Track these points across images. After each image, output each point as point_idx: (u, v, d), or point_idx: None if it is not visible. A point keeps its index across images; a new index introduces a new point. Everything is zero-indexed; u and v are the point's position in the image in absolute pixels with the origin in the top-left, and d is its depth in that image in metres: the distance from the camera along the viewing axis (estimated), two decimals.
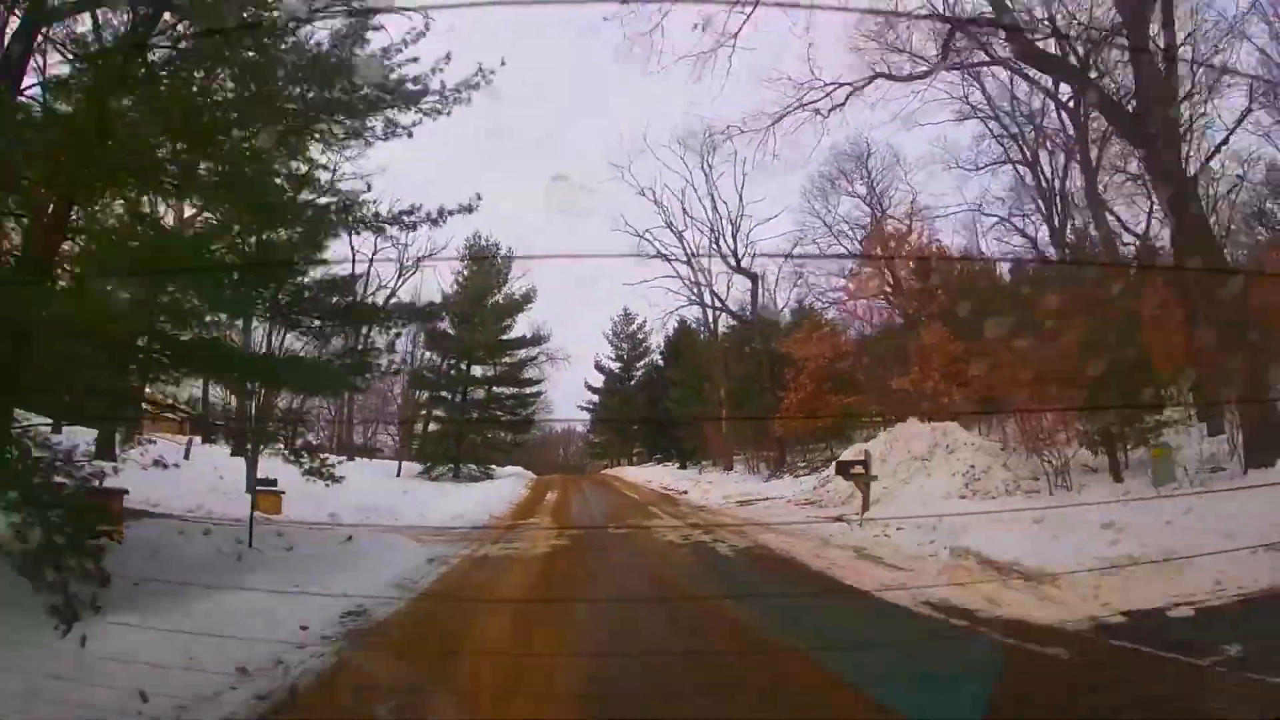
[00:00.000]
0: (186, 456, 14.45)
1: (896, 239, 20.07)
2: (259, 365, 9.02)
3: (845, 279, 22.23)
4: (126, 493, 7.32)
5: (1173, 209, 11.49)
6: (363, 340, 9.88)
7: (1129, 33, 11.65)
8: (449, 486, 27.04)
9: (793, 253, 26.90)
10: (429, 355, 34.13)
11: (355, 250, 21.00)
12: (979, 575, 6.25)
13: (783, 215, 60.49)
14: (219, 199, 7.76)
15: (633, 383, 46.13)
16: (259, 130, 7.57)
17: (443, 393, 35.24)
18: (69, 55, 7.26)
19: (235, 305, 7.92)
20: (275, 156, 7.85)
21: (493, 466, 34.26)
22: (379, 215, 8.64)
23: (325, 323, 8.77)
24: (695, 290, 31.94)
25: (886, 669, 4.04)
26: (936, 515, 8.98)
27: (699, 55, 14.43)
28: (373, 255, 23.53)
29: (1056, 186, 19.87)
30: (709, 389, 31.30)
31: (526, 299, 37.29)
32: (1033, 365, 11.37)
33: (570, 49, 52.22)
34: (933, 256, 18.64)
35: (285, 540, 8.92)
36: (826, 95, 14.99)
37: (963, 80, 17.79)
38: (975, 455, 12.30)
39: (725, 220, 29.24)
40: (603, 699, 3.89)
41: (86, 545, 5.33)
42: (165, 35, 7.37)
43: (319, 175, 8.59)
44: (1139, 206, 18.12)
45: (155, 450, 8.97)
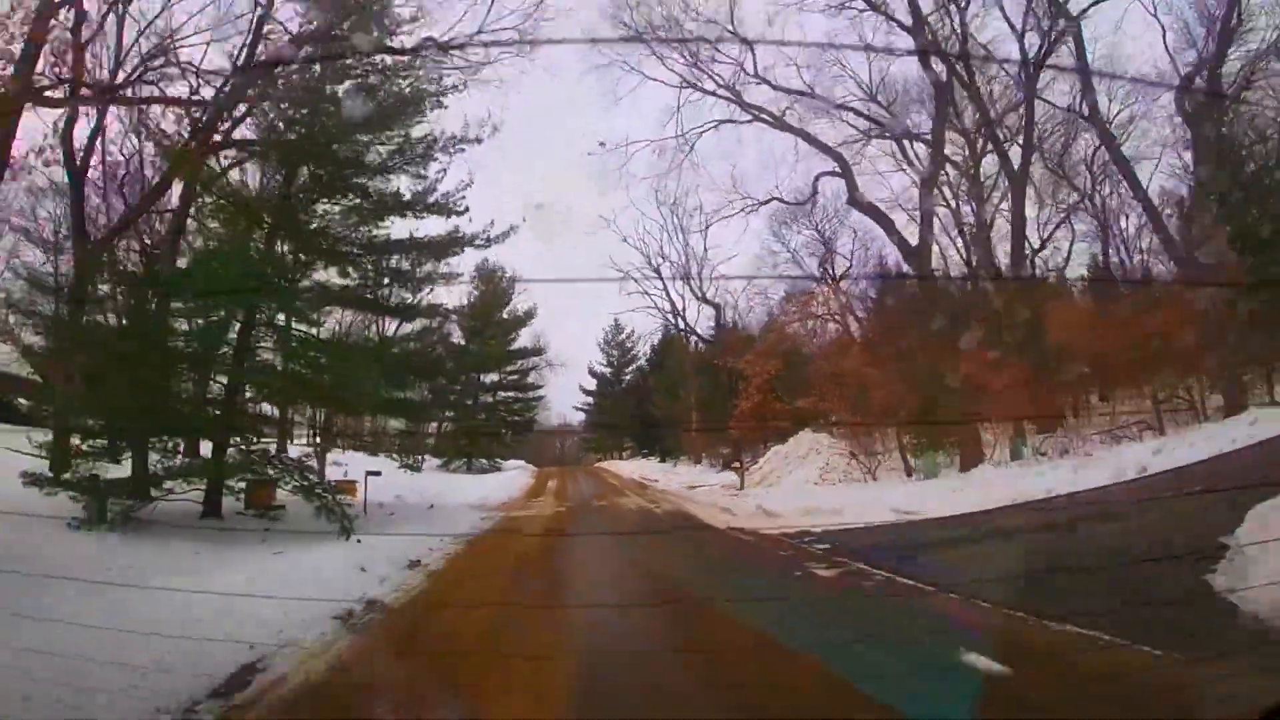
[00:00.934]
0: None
1: (802, 301, 26.63)
2: (394, 405, 15.65)
3: (780, 315, 28.79)
4: (354, 483, 13.89)
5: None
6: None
7: None
8: (465, 478, 33.49)
9: (741, 276, 33.46)
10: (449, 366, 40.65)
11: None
12: (762, 519, 12.87)
13: (739, 256, 68.90)
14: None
15: (622, 385, 52.72)
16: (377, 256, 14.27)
17: (461, 399, 41.75)
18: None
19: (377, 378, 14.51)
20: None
21: (499, 460, 41.03)
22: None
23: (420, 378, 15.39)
24: (670, 316, 38.54)
25: (698, 557, 10.57)
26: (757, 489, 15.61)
27: (658, 175, 20.93)
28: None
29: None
30: (683, 396, 37.87)
31: (529, 315, 44.14)
32: (870, 397, 17.98)
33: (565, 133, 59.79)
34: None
35: (385, 510, 15.40)
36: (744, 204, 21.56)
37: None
38: (830, 457, 18.92)
39: (693, 261, 35.78)
40: (577, 565, 10.44)
41: (345, 510, 11.81)
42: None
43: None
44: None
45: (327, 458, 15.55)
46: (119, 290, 13.63)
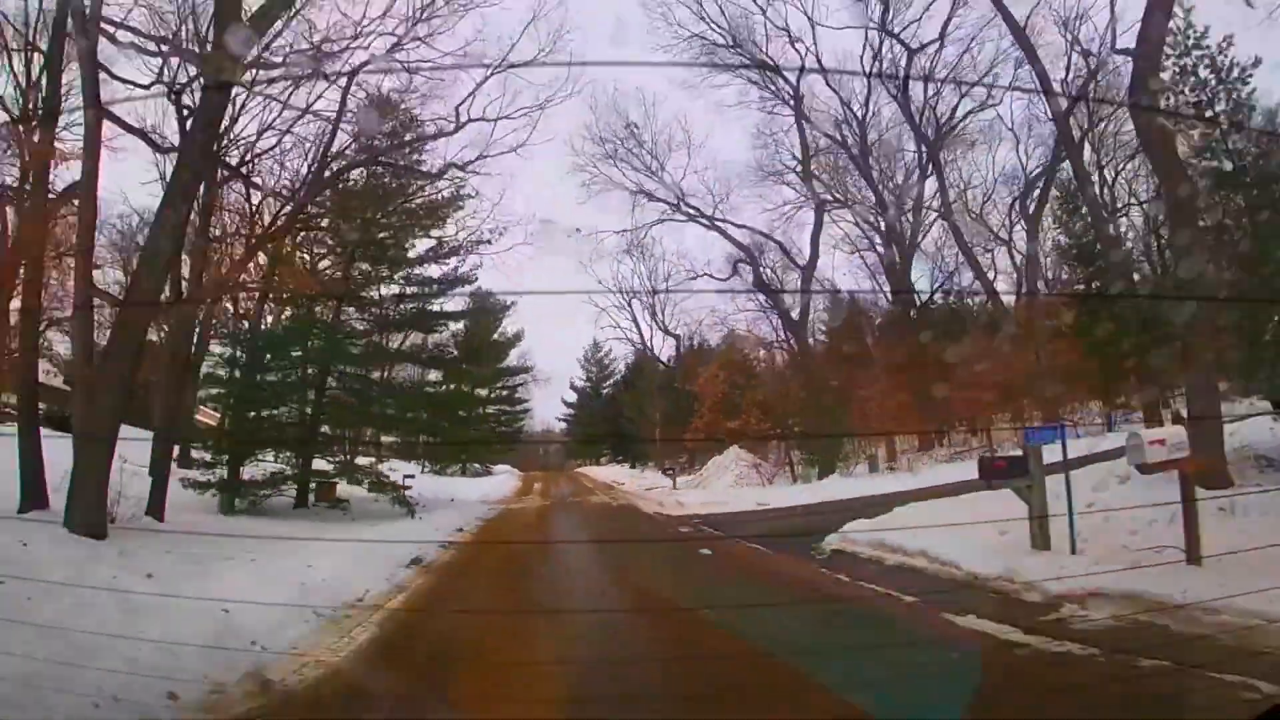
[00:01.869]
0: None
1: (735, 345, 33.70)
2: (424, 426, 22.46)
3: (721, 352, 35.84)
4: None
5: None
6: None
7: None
8: (462, 480, 40.25)
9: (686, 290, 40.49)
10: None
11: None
12: (676, 508, 19.82)
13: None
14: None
15: (601, 399, 59.73)
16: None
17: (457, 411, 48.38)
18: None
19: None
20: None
21: (489, 466, 47.87)
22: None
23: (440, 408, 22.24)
24: (639, 344, 45.62)
25: (625, 526, 17.49)
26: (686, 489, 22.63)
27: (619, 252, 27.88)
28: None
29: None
30: (649, 412, 44.85)
31: (517, 337, 51.02)
32: (774, 419, 25.00)
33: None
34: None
35: (420, 503, 22.14)
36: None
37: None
38: (743, 467, 25.93)
39: (658, 300, 42.85)
40: (554, 531, 17.32)
41: (407, 499, 18.54)
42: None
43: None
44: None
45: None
46: (239, 348, 20.26)
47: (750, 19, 25.54)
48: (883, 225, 28.26)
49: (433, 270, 22.83)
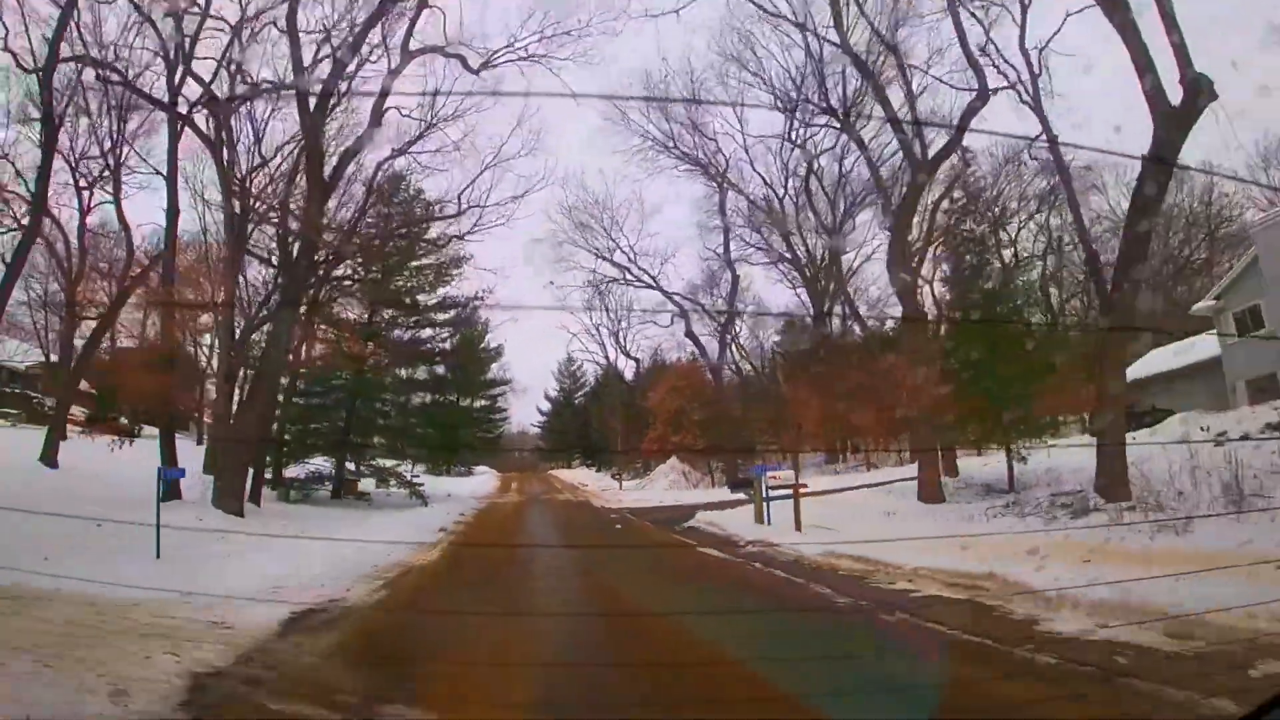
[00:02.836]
0: None
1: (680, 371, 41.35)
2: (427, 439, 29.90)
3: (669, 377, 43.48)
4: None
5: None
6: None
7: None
8: (449, 480, 47.53)
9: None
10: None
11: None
12: (616, 504, 27.37)
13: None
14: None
15: (572, 408, 67.18)
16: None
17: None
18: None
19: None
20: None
21: (470, 467, 55.19)
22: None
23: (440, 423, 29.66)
24: (604, 364, 53.25)
25: (576, 514, 25.04)
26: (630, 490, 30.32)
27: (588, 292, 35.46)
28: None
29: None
30: (612, 423, 52.41)
31: (499, 352, 58.23)
32: (704, 436, 32.66)
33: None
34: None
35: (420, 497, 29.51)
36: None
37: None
38: (677, 474, 33.57)
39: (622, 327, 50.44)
40: (529, 515, 24.83)
41: (421, 493, 25.93)
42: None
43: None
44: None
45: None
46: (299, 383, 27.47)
47: (694, 123, 33.10)
48: (802, 272, 35.99)
49: (435, 305, 30.38)
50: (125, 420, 35.43)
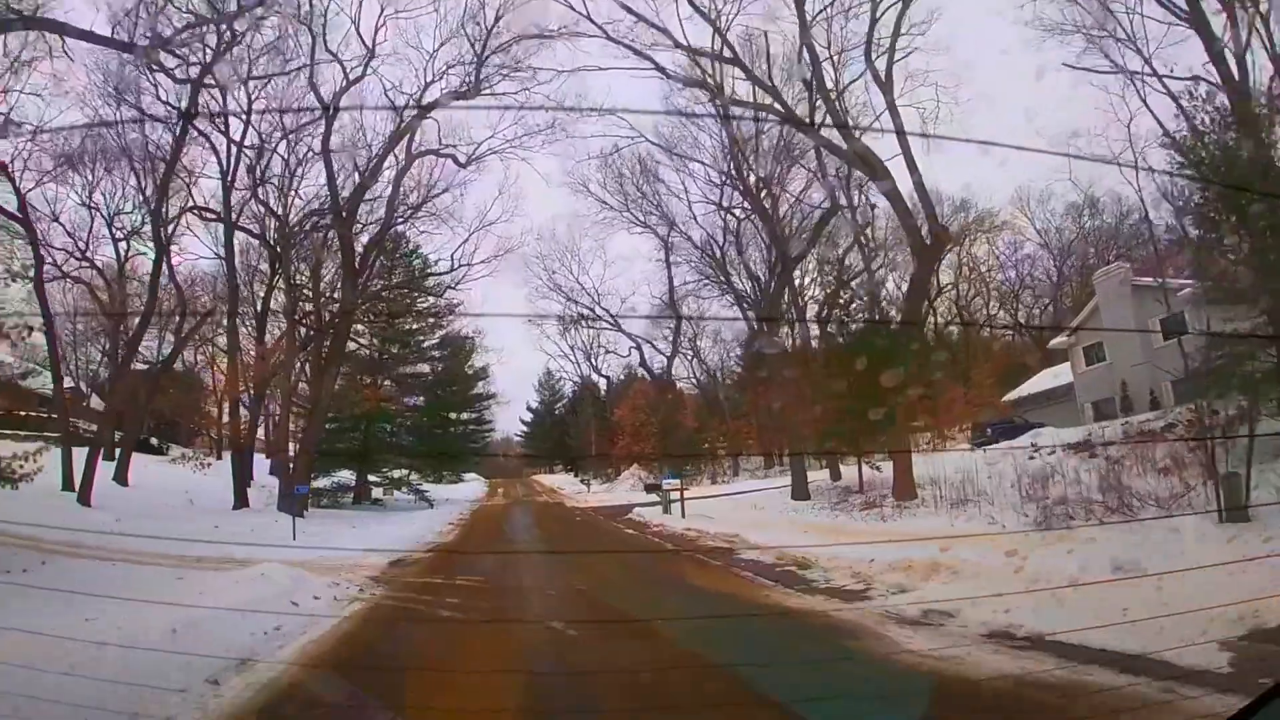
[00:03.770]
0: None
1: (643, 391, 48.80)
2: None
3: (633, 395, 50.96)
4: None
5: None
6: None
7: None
8: (441, 487, 54.57)
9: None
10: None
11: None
12: (581, 504, 34.75)
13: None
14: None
15: (552, 418, 74.43)
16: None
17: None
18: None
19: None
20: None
21: (460, 474, 62.33)
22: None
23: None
24: (581, 381, 60.74)
25: (547, 511, 32.43)
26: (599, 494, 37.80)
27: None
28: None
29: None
30: (587, 433, 59.80)
31: (484, 370, 65.28)
32: (660, 446, 40.12)
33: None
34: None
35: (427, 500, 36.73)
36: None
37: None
38: (637, 479, 41.01)
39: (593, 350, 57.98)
40: (514, 513, 32.18)
41: (428, 498, 33.17)
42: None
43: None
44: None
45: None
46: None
47: (642, 192, 40.47)
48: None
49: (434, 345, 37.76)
50: (155, 441, 42.29)
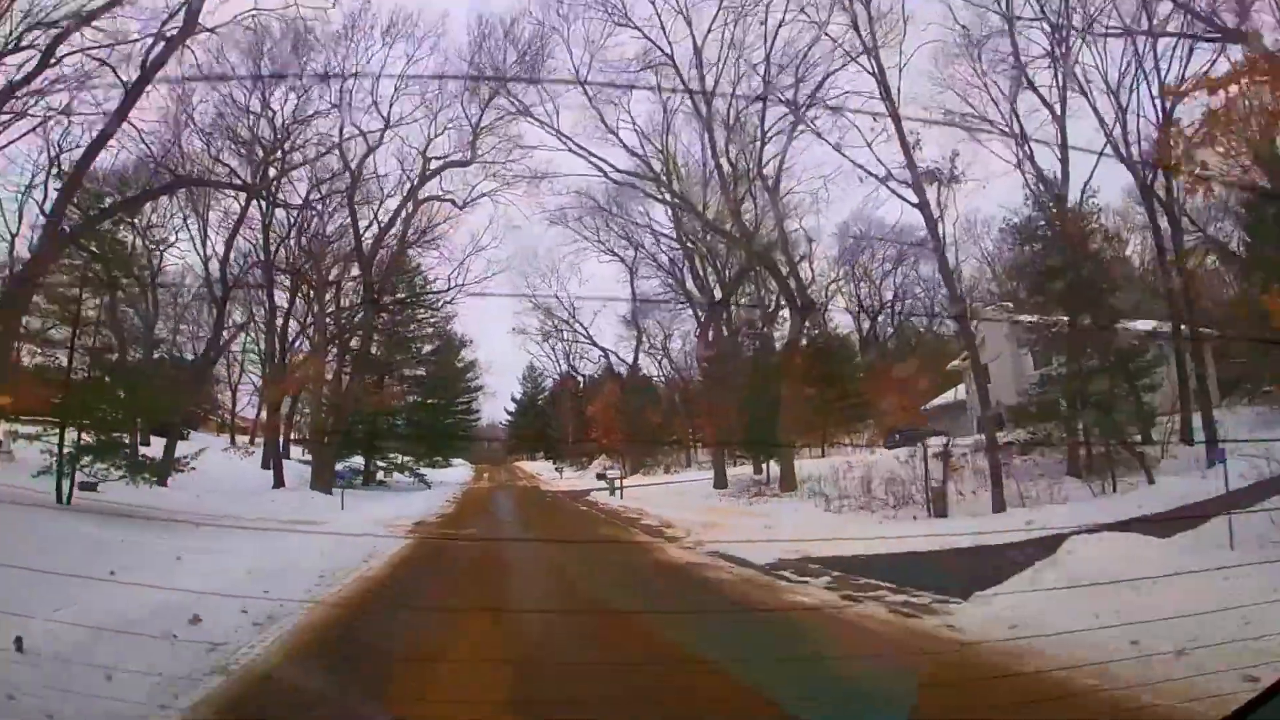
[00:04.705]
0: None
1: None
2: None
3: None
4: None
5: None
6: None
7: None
8: (433, 471, 62.10)
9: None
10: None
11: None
12: (554, 487, 42.36)
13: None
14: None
15: (535, 407, 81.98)
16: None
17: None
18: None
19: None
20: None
21: (448, 459, 69.90)
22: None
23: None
24: (560, 377, 68.22)
25: (525, 493, 40.06)
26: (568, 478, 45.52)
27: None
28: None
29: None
30: (564, 425, 67.38)
31: (473, 365, 72.78)
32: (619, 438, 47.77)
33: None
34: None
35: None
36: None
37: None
38: (603, 468, 48.67)
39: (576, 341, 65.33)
40: (498, 493, 39.75)
41: (426, 480, 40.67)
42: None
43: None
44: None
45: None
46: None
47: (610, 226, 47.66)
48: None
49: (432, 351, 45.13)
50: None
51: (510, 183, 35.52)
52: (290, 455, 39.98)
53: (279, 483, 32.78)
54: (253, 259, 34.51)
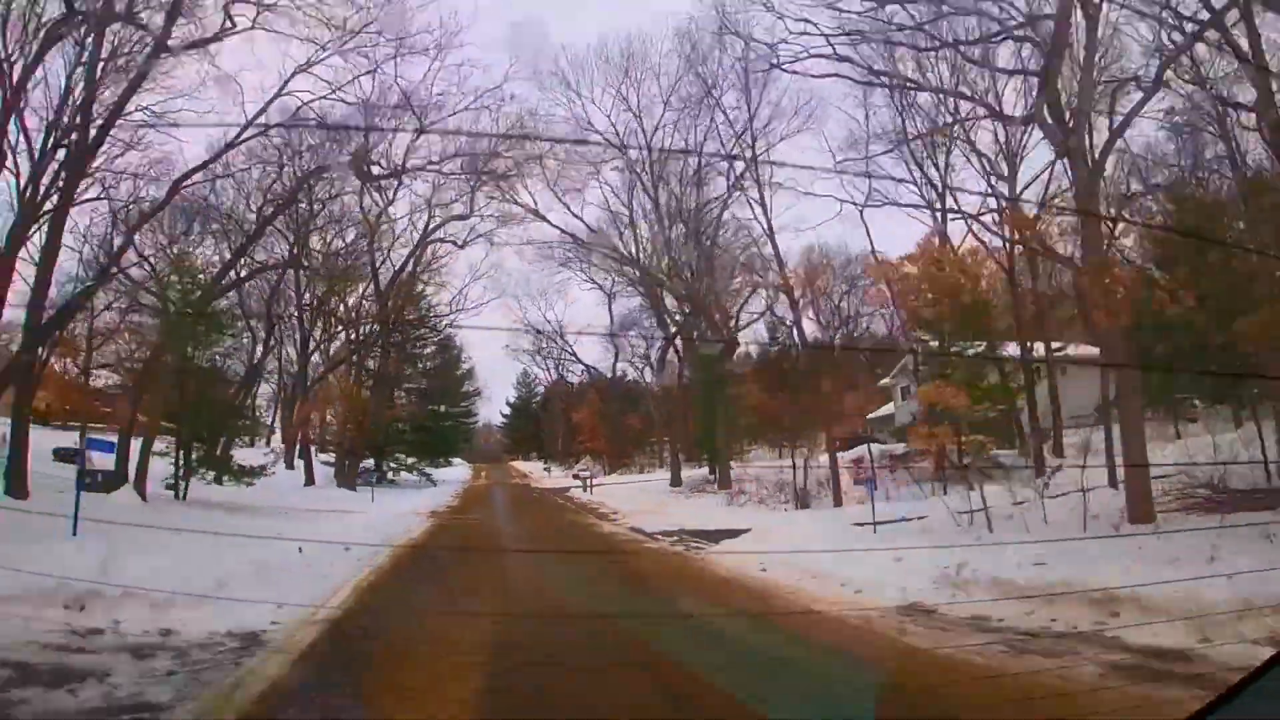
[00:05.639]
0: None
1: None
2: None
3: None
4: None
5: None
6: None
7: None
8: (434, 470, 69.73)
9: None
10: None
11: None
12: (541, 485, 49.94)
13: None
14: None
15: (529, 410, 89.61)
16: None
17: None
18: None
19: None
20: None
21: (448, 460, 77.57)
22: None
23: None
24: (551, 383, 75.77)
25: (515, 488, 47.68)
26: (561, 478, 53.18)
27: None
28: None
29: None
30: (554, 429, 74.94)
31: (470, 372, 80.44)
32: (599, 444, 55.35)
33: None
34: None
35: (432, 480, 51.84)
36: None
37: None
38: (589, 467, 56.30)
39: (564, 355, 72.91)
40: (495, 488, 47.37)
41: (432, 479, 48.25)
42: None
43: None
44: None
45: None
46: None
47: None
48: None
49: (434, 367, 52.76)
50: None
51: (501, 227, 43.23)
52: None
53: (309, 481, 40.22)
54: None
